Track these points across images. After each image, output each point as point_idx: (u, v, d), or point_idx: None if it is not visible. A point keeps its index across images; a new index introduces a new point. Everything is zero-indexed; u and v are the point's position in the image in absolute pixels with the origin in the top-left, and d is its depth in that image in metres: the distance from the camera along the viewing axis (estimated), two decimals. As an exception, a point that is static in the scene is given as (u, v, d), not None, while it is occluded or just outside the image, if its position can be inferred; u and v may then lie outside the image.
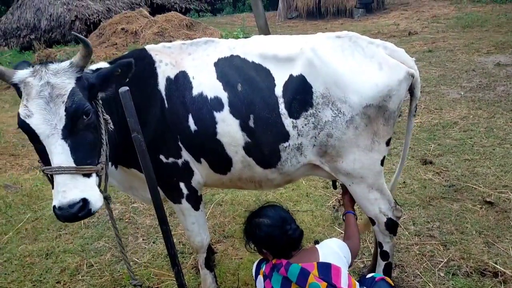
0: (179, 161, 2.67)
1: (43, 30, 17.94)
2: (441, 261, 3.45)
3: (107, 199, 2.53)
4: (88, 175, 2.11)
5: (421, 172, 4.89)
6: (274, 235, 2.29)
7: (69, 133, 2.06)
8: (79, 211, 2.01)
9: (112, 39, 14.71)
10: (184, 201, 2.82)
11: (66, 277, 3.70)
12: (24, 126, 2.06)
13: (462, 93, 7.50)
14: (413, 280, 3.31)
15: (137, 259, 3.86)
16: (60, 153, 2.03)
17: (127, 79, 2.31)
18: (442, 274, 3.32)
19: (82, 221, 4.51)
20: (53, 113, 2.04)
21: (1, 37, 18.07)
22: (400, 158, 3.01)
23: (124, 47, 13.88)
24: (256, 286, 2.39)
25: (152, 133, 2.57)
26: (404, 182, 4.72)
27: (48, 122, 2.03)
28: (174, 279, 3.50)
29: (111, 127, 2.42)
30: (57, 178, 2.03)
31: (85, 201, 2.03)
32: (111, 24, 15.51)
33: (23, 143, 7.09)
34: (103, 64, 2.67)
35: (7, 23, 18.86)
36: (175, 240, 2.91)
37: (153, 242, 4.13)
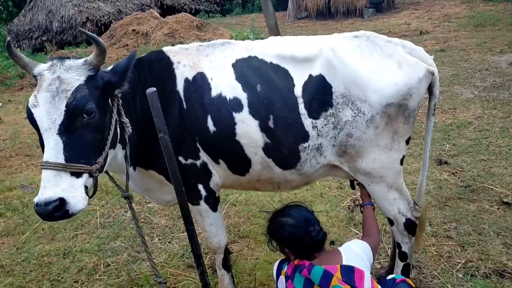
0: (198, 163, 2.68)
1: (55, 32, 18.15)
2: (459, 262, 3.43)
3: (128, 198, 2.55)
4: (77, 175, 2.07)
5: (436, 172, 4.86)
6: (297, 235, 2.29)
7: (65, 129, 2.05)
8: (54, 210, 1.96)
9: (123, 40, 14.83)
10: (202, 202, 2.81)
11: (84, 277, 3.73)
12: (29, 116, 2.09)
13: (476, 93, 7.43)
14: (431, 281, 3.28)
15: (154, 258, 3.88)
16: (51, 148, 2.02)
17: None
18: (460, 275, 3.30)
19: (98, 221, 4.56)
20: (56, 108, 2.05)
21: (14, 39, 18.31)
22: (423, 161, 2.95)
23: (135, 48, 13.97)
24: (277, 287, 2.39)
25: (171, 135, 2.55)
26: (419, 182, 4.69)
27: (49, 116, 2.05)
28: (191, 279, 3.55)
29: (129, 131, 2.43)
30: (43, 173, 2.02)
31: (62, 201, 1.98)
32: (121, 26, 15.65)
33: (38, 143, 7.16)
34: None
35: (19, 25, 19.11)
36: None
37: (169, 242, 4.15)
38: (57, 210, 1.97)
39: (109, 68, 2.62)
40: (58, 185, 2.00)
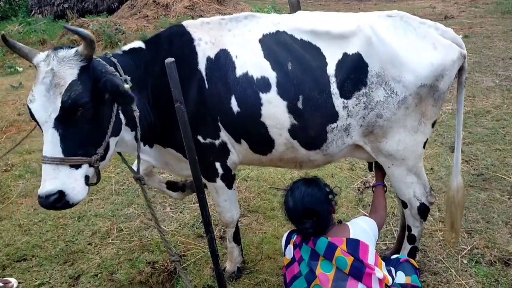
0: (216, 142, 2.64)
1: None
2: (465, 249, 3.46)
3: (140, 180, 2.52)
4: (77, 166, 2.11)
5: (449, 159, 4.84)
6: (293, 220, 2.42)
7: (61, 123, 2.05)
8: (55, 202, 2.04)
9: (144, 11, 14.78)
10: (218, 180, 2.82)
11: (97, 240, 3.87)
12: (29, 112, 2.12)
13: (497, 81, 7.29)
14: (435, 265, 3.33)
15: (165, 227, 4.00)
16: (48, 142, 2.05)
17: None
18: (465, 261, 3.33)
19: (113, 188, 4.68)
20: (50, 101, 2.04)
21: (36, 5, 18.32)
22: (456, 137, 2.84)
23: (155, 19, 13.96)
24: (285, 255, 2.46)
25: (190, 115, 2.41)
26: (431, 168, 4.69)
27: (45, 109, 2.05)
28: (200, 248, 3.64)
29: (137, 115, 2.36)
30: (43, 167, 2.07)
31: (62, 194, 2.05)
32: (143, -4, 15.53)
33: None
34: (138, 44, 2.63)
35: (42, -9, 19.08)
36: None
37: (180, 212, 4.25)
38: (57, 201, 2.05)
39: (125, 47, 2.58)
40: (57, 178, 2.05)
